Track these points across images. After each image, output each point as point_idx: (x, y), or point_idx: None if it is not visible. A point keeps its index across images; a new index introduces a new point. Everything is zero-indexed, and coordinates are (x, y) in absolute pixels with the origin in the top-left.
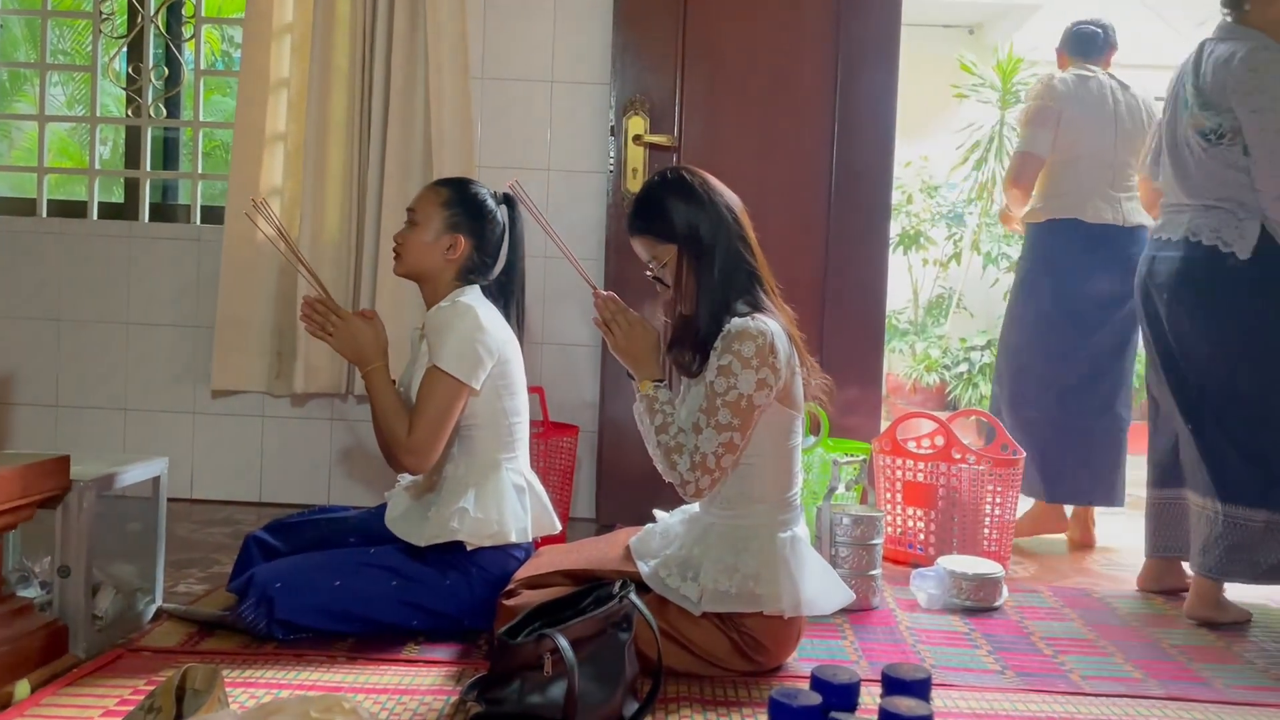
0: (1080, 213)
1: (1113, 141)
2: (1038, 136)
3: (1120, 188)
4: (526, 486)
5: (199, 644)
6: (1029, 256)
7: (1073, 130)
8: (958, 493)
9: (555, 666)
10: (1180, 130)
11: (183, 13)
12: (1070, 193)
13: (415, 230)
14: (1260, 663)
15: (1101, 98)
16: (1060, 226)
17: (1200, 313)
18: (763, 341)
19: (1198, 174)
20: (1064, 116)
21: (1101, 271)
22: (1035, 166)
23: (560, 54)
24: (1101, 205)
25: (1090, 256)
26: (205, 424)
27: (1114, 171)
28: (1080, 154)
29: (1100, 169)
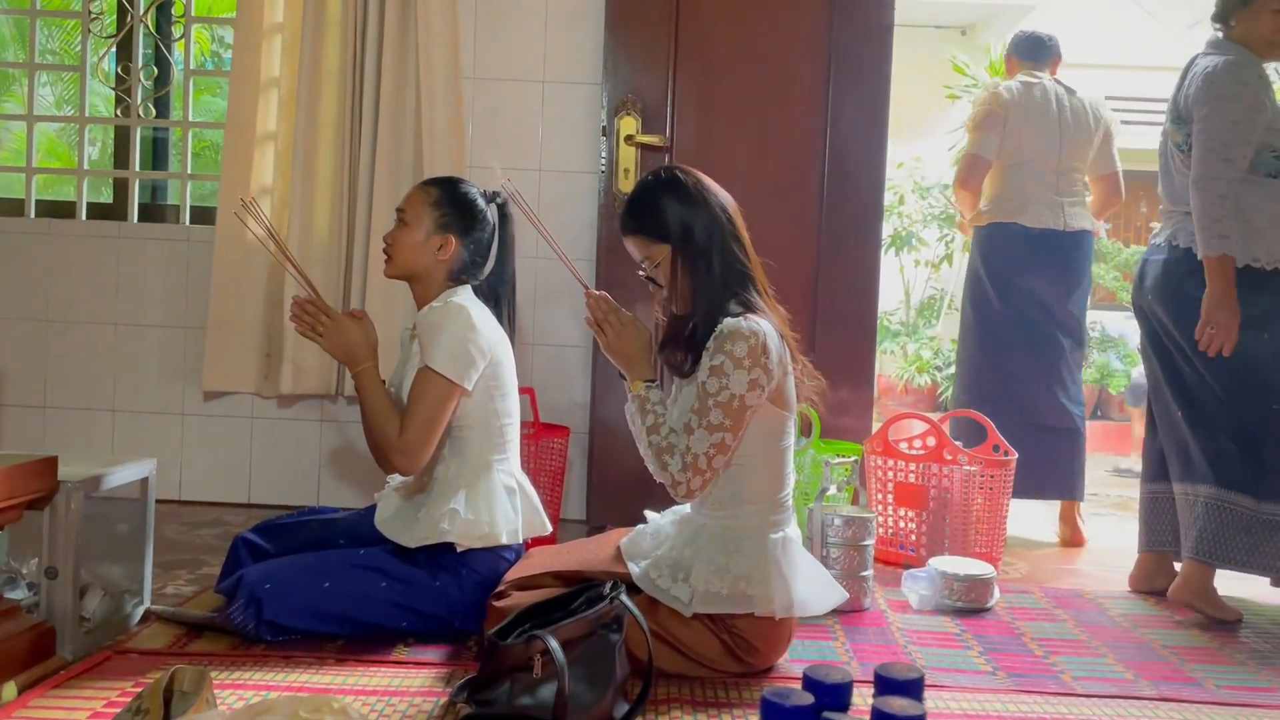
0: (1021, 217)
1: (1057, 147)
2: (985, 140)
3: (1065, 193)
4: (517, 488)
5: (187, 646)
6: (974, 259)
7: (1017, 135)
8: (949, 494)
9: (545, 668)
10: (1167, 142)
11: (172, 12)
12: (1013, 197)
13: (405, 230)
14: (1251, 664)
15: (1046, 104)
16: (1002, 230)
17: (1183, 309)
18: (755, 342)
19: (1178, 183)
20: (1009, 122)
21: (1041, 274)
22: (983, 169)
23: (552, 54)
24: (1043, 210)
25: (1030, 260)
26: (194, 425)
27: (1059, 177)
28: (1024, 159)
29: (1044, 174)
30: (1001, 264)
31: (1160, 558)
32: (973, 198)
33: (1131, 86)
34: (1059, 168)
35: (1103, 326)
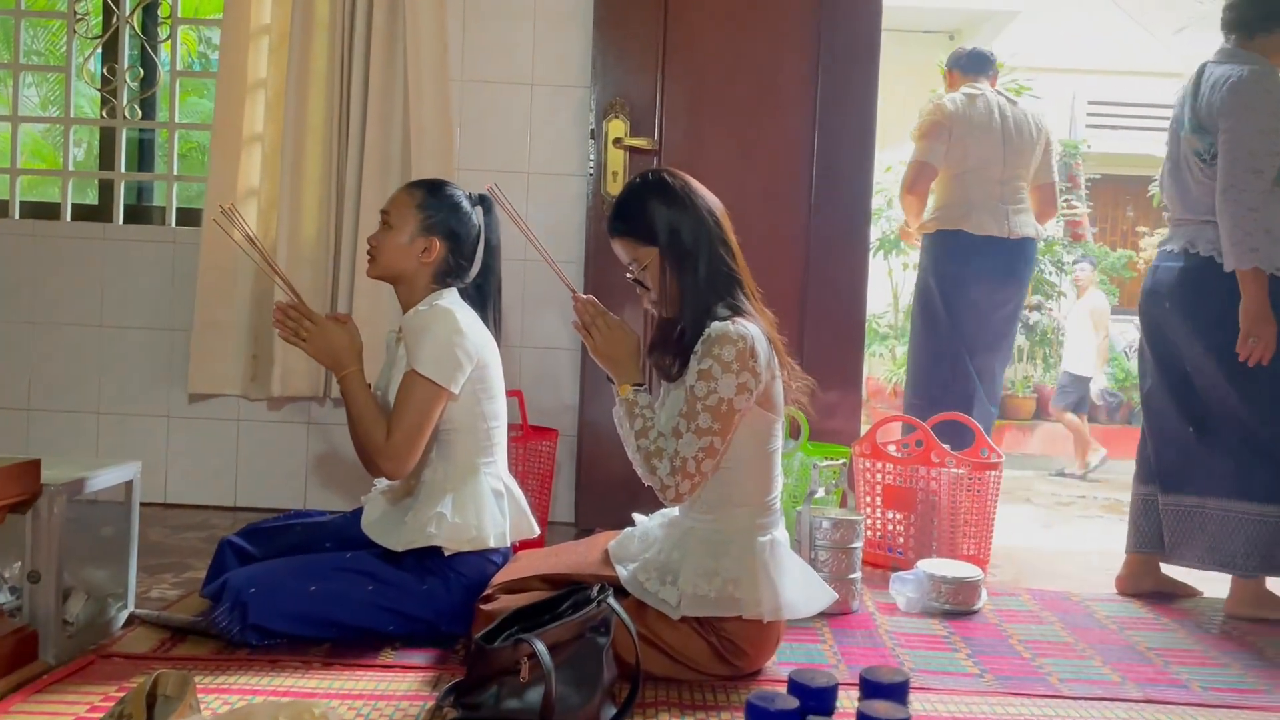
0: (966, 224)
1: (1000, 156)
2: (932, 148)
3: (1009, 200)
4: (505, 491)
5: (171, 650)
6: (922, 266)
7: (962, 145)
8: (937, 496)
9: (532, 671)
10: (1181, 150)
11: (158, 13)
12: (957, 205)
13: (389, 232)
14: (1236, 666)
15: (989, 114)
16: (949, 237)
17: (1199, 318)
18: (743, 345)
19: (1196, 191)
20: (954, 131)
21: (986, 279)
22: (929, 175)
23: (540, 57)
24: (986, 218)
25: (974, 265)
26: (180, 428)
27: (1002, 185)
28: (968, 168)
29: (987, 183)
30: (948, 270)
31: (1148, 559)
32: (918, 204)
33: (1117, 91)
34: (1002, 176)
35: None
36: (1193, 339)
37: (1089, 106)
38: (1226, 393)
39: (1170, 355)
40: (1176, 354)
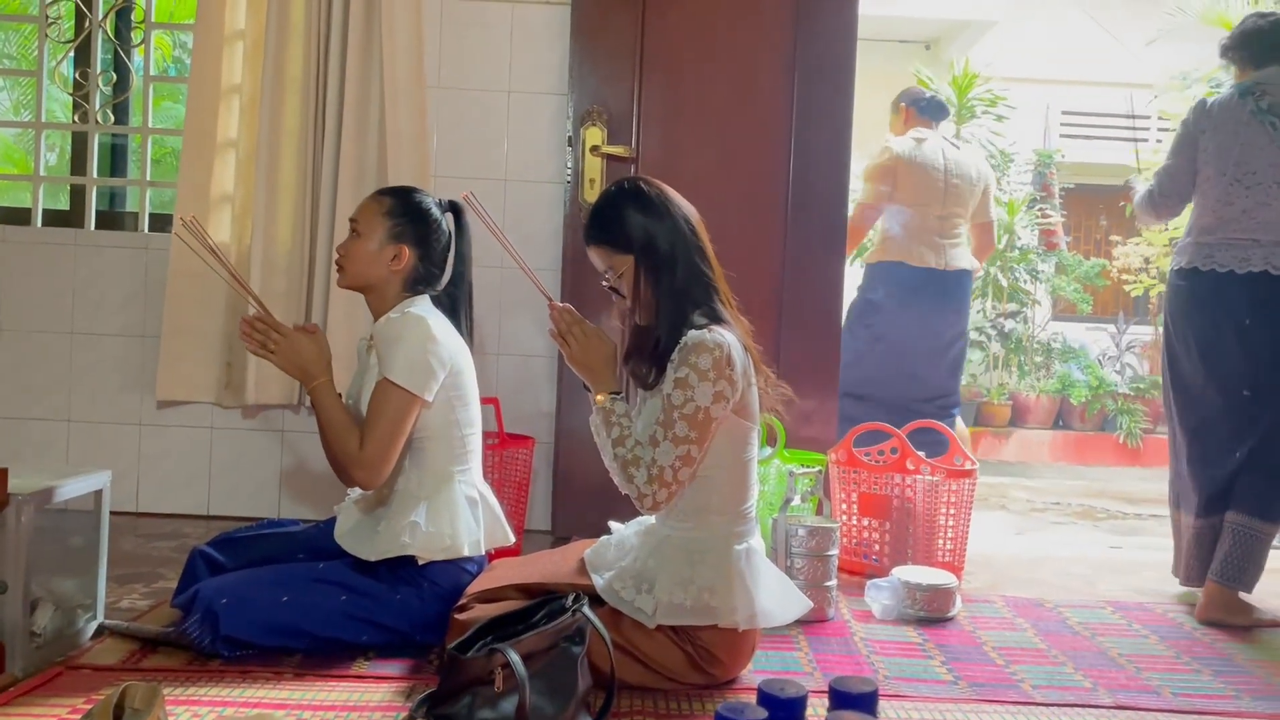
0: (906, 257)
1: (940, 196)
2: (878, 191)
3: (946, 235)
4: (479, 499)
5: (141, 661)
6: (862, 292)
7: (907, 186)
8: (912, 504)
9: (506, 681)
10: (1264, 162)
11: (132, 18)
12: (899, 239)
13: (358, 241)
14: (1207, 672)
15: (935, 157)
16: (888, 268)
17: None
18: (719, 354)
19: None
20: (899, 174)
21: (922, 307)
22: (873, 218)
23: (517, 64)
24: (926, 251)
25: (913, 295)
26: (152, 436)
27: (940, 221)
28: (911, 205)
29: (926, 219)
30: (887, 299)
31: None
32: (855, 243)
33: (1091, 102)
34: (941, 213)
35: (1064, 337)
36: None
37: (1063, 117)
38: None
39: (1235, 375)
40: (1241, 373)
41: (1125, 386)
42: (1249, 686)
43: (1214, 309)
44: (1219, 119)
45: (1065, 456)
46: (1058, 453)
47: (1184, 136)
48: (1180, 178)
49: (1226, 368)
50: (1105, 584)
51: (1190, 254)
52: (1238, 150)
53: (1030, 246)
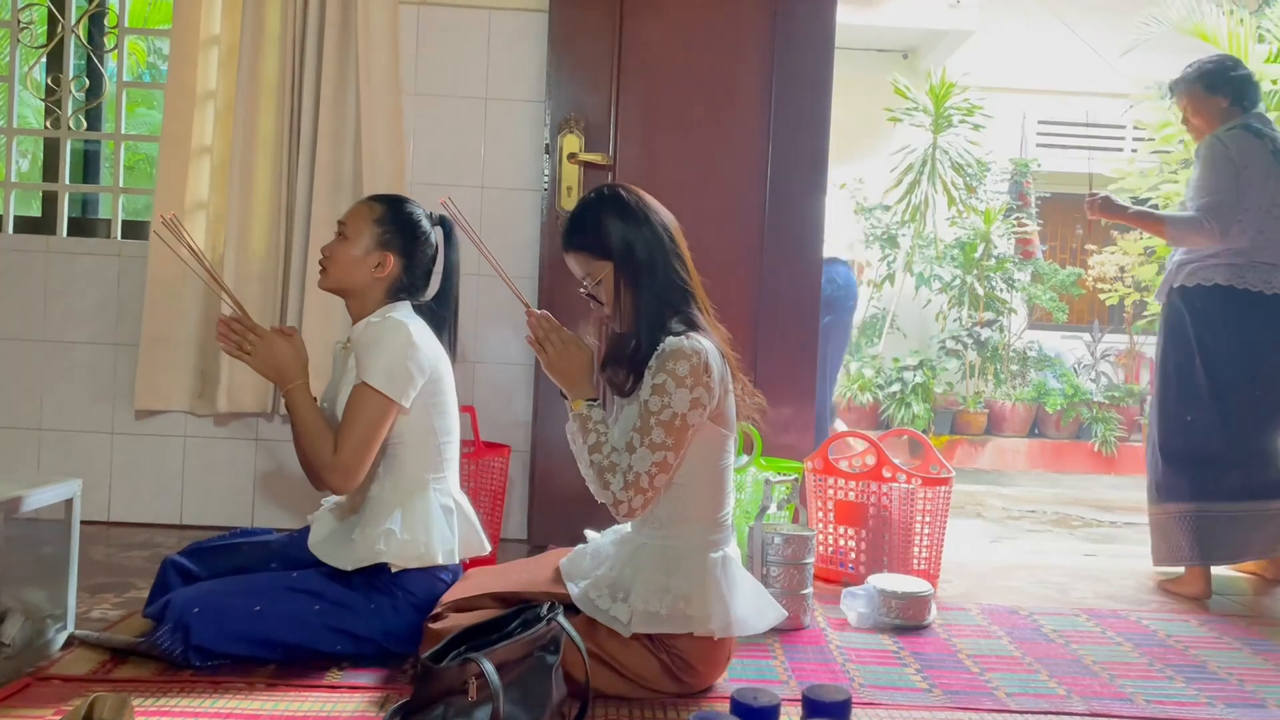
0: None
1: None
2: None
3: None
4: (455, 507)
5: (112, 672)
6: None
7: None
8: (888, 511)
9: (480, 691)
10: None
11: (105, 23)
12: None
13: (344, 244)
14: (1179, 679)
15: None
16: None
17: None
18: (697, 360)
19: None
20: None
21: None
22: None
23: (494, 71)
24: None
25: None
26: (124, 444)
27: None
28: None
29: None
30: None
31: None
32: None
33: (1067, 111)
34: None
35: (1040, 346)
36: None
37: (1039, 126)
38: None
39: (1242, 379)
40: (1252, 376)
41: (1100, 395)
42: (1222, 694)
43: (1245, 322)
44: (1251, 156)
45: (1041, 464)
46: (1034, 460)
47: (1229, 169)
48: (1235, 207)
49: (1243, 373)
50: (1080, 591)
51: (1222, 274)
52: (1273, 185)
53: (1007, 255)
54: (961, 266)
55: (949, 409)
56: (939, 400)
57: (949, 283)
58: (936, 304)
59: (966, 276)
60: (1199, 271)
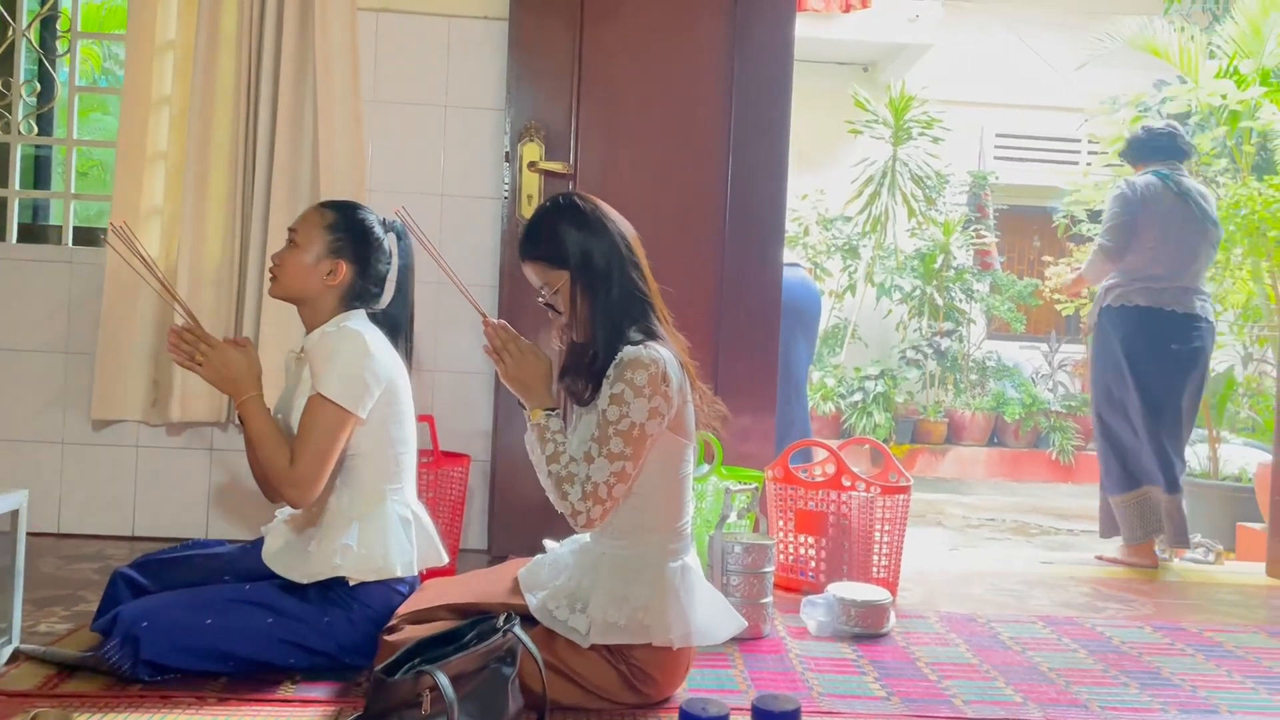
0: None
1: None
2: None
3: None
4: (413, 518)
5: (58, 687)
6: None
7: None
8: (848, 520)
9: (434, 704)
10: (1196, 232)
11: (57, 27)
12: None
13: (295, 251)
14: (1134, 685)
15: None
16: None
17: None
18: (655, 370)
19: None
20: None
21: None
22: None
23: (454, 79)
24: None
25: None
26: (75, 454)
27: None
28: None
29: None
30: None
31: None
32: None
33: (1024, 124)
34: None
35: (998, 356)
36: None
37: (997, 139)
38: None
39: (1162, 388)
40: (1170, 385)
41: (1058, 404)
42: (1175, 699)
43: (1161, 338)
44: (1150, 197)
45: (1000, 473)
46: (993, 469)
47: (1126, 211)
48: (1128, 240)
49: (1163, 383)
50: (1037, 599)
51: (1142, 296)
52: (1178, 220)
53: (966, 266)
54: (921, 277)
55: (910, 418)
56: (900, 410)
57: (909, 293)
58: (897, 314)
59: (926, 287)
60: (1123, 295)
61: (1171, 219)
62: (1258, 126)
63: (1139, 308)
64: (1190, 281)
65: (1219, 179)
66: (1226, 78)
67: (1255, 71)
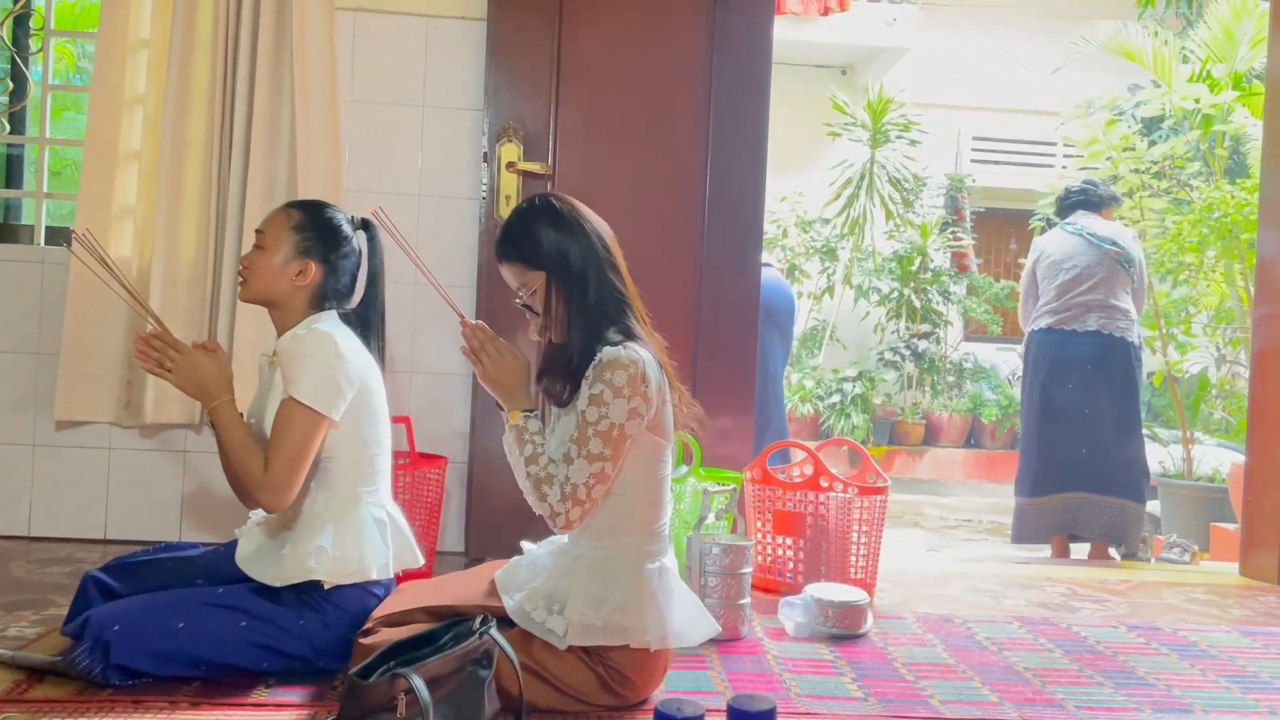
0: None
1: None
2: None
3: None
4: (388, 520)
5: (27, 692)
6: None
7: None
8: (825, 521)
9: (409, 707)
10: (1091, 259)
11: (30, 25)
12: None
13: (263, 254)
14: (1109, 685)
15: None
16: None
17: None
18: (634, 370)
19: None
20: None
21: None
22: None
23: (432, 79)
24: None
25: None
26: (46, 457)
27: None
28: None
29: None
30: None
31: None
32: None
33: (1000, 128)
34: None
35: (975, 357)
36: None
37: (973, 142)
38: None
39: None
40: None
41: None
42: (1149, 698)
43: (1065, 354)
44: (1046, 247)
45: (977, 474)
46: (970, 470)
47: (1030, 265)
48: (1031, 290)
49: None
50: (1013, 599)
51: (1045, 319)
52: (1075, 256)
53: (943, 268)
54: (899, 279)
55: (888, 419)
56: (878, 411)
57: (887, 295)
58: (875, 316)
59: (904, 289)
60: (1036, 319)
61: (1067, 255)
62: (1230, 130)
63: (1044, 329)
64: (1090, 299)
65: (1192, 182)
66: (1200, 82)
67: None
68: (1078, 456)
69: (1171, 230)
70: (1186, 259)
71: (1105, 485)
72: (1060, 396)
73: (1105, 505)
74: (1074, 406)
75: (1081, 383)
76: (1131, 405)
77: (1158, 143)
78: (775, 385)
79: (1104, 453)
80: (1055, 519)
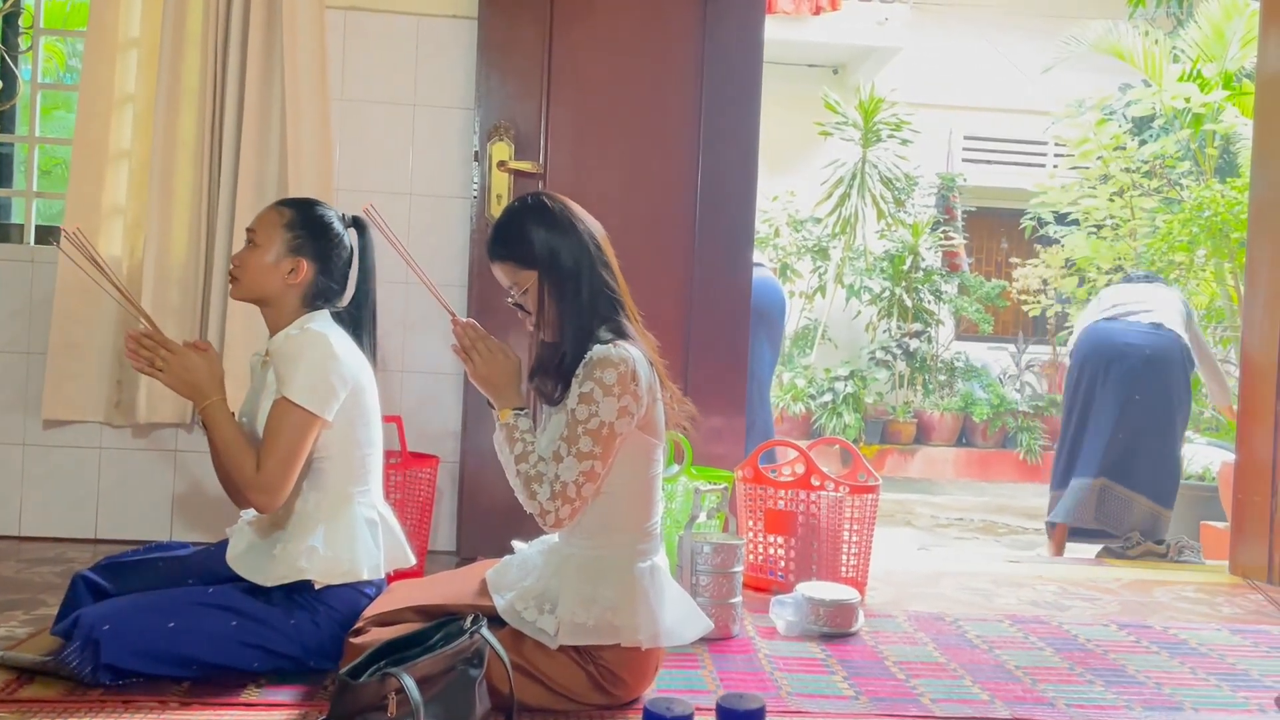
0: None
1: None
2: None
3: None
4: (379, 519)
5: (17, 692)
6: None
7: None
8: (817, 519)
9: (400, 707)
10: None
11: (20, 23)
12: None
13: (255, 252)
14: (1099, 683)
15: None
16: None
17: None
18: (625, 369)
19: None
20: None
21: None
22: None
23: (423, 78)
24: None
25: None
26: (36, 456)
27: None
28: None
29: None
30: None
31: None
32: None
33: (992, 127)
34: None
35: (966, 356)
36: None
37: (965, 141)
38: None
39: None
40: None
41: (1025, 404)
42: (1140, 696)
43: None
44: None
45: (968, 473)
46: (961, 469)
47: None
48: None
49: None
50: (1004, 597)
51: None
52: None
53: (934, 268)
54: (890, 278)
55: (879, 418)
56: (869, 410)
57: (878, 294)
58: (866, 315)
59: (895, 288)
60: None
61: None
62: (1220, 129)
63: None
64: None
65: (1182, 181)
66: (1190, 81)
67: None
68: (1116, 445)
69: (1162, 229)
70: (1177, 258)
71: (1138, 482)
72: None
73: (1136, 504)
74: (1122, 392)
75: (1130, 371)
76: (1182, 404)
77: (1148, 142)
78: (761, 387)
79: (1142, 449)
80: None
